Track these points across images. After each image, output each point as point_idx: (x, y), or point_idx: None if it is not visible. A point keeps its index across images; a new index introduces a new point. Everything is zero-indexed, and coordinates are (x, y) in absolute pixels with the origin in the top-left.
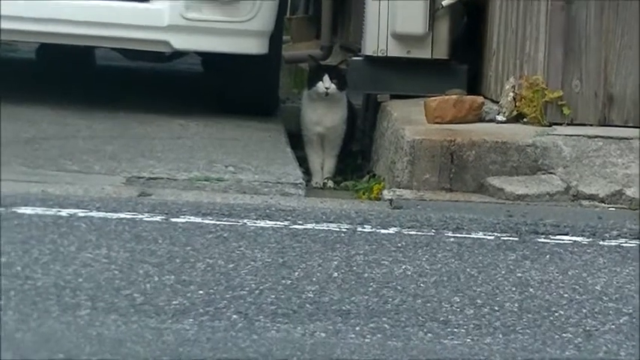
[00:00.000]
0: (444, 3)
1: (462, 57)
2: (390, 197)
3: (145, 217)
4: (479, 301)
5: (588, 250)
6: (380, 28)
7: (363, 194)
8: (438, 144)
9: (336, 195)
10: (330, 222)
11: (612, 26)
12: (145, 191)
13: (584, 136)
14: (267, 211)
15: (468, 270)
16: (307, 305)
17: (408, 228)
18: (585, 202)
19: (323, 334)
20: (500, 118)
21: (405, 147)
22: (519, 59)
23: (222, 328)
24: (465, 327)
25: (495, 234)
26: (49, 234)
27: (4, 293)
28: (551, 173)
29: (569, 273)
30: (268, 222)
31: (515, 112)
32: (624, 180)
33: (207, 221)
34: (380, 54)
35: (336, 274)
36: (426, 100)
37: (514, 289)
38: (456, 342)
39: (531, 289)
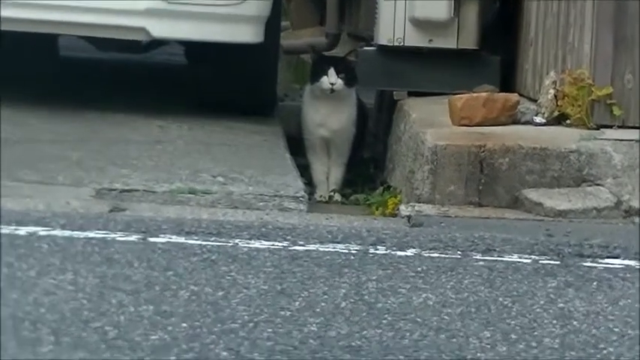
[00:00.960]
0: None
1: (494, 47)
2: (408, 213)
3: (118, 236)
4: (513, 336)
5: None
6: (396, 13)
7: (376, 209)
8: (465, 150)
9: (344, 210)
10: (337, 242)
11: None
12: (117, 206)
13: (637, 141)
14: (263, 229)
15: (500, 299)
16: (310, 341)
17: (430, 250)
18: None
19: None
20: (538, 119)
21: (426, 154)
22: (561, 50)
23: None
24: None
25: (533, 257)
26: (5, 256)
27: None
28: (598, 185)
29: (620, 303)
30: (264, 242)
31: (556, 113)
32: None
33: (191, 241)
34: (396, 43)
35: (344, 304)
36: (450, 99)
37: (555, 322)
38: None
39: (575, 322)
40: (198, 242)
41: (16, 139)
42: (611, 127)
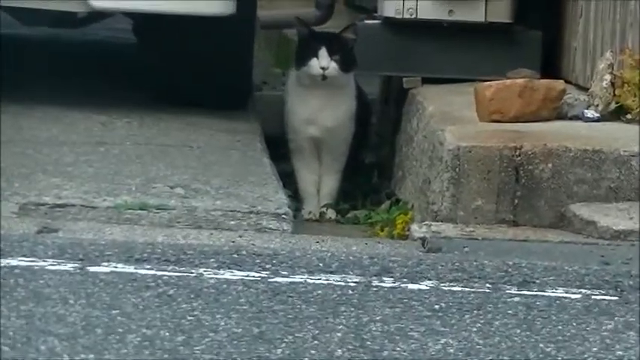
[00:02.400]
0: None
1: (533, 20)
2: (422, 235)
3: (49, 264)
4: None
5: None
6: None
7: (382, 230)
8: (496, 154)
9: (340, 231)
10: (331, 272)
11: None
12: (48, 225)
13: None
14: (235, 255)
15: (541, 345)
16: None
17: (450, 282)
18: None
19: None
20: (590, 113)
21: (446, 158)
22: (620, 23)
23: None
24: None
25: (583, 291)
26: None
27: None
28: None
29: None
30: (237, 273)
31: (613, 105)
32: None
33: (143, 271)
34: (407, 15)
35: (340, 352)
36: (477, 87)
37: None
38: None
39: None
40: (152, 272)
41: None
42: None
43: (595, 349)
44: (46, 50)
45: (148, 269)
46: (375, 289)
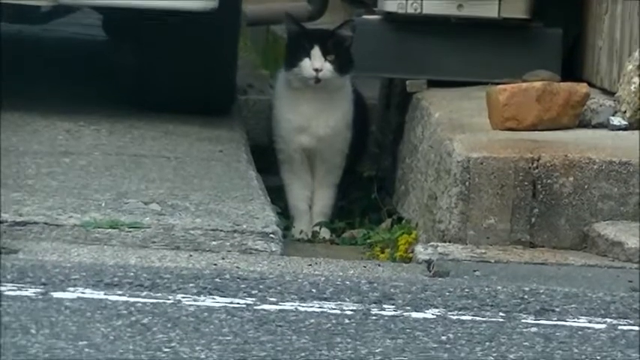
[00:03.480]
0: None
1: (553, 16)
2: (427, 257)
3: (8, 289)
4: None
5: None
6: None
7: (382, 252)
8: (511, 166)
9: (336, 253)
10: (325, 299)
11: None
12: (7, 246)
13: None
14: (218, 280)
15: None
16: None
17: (459, 310)
18: None
19: None
20: (617, 120)
21: (455, 171)
22: None
23: None
24: None
25: (608, 320)
26: None
27: None
28: None
29: None
30: (219, 299)
31: None
32: None
33: (113, 297)
34: (411, 10)
35: None
36: (490, 91)
37: None
38: None
39: None
40: (124, 299)
41: None
42: None
43: None
44: (6, 49)
45: (119, 295)
46: (374, 317)
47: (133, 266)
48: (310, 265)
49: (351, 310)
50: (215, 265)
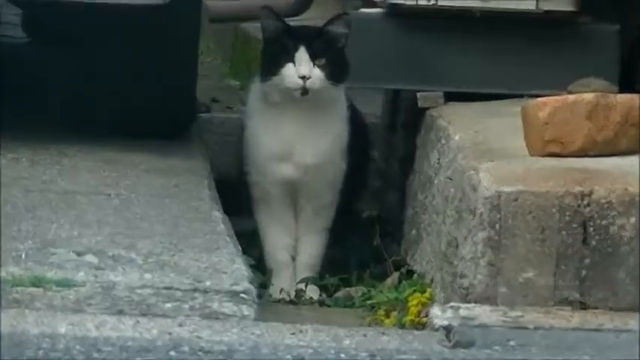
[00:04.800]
0: None
1: (607, 9)
2: (446, 322)
3: None
4: None
5: None
6: None
7: (387, 316)
8: (555, 203)
9: (327, 317)
10: None
11: None
12: None
13: None
14: (173, 353)
15: None
16: None
17: None
18: None
19: None
20: None
21: (481, 209)
22: None
23: None
24: None
25: None
26: None
27: None
28: None
29: None
30: None
31: None
32: None
33: None
34: (423, 2)
35: None
36: (526, 106)
37: None
38: None
39: None
40: None
41: None
42: None
43: None
44: None
45: None
46: None
47: (63, 336)
48: (294, 333)
49: None
50: (170, 333)
